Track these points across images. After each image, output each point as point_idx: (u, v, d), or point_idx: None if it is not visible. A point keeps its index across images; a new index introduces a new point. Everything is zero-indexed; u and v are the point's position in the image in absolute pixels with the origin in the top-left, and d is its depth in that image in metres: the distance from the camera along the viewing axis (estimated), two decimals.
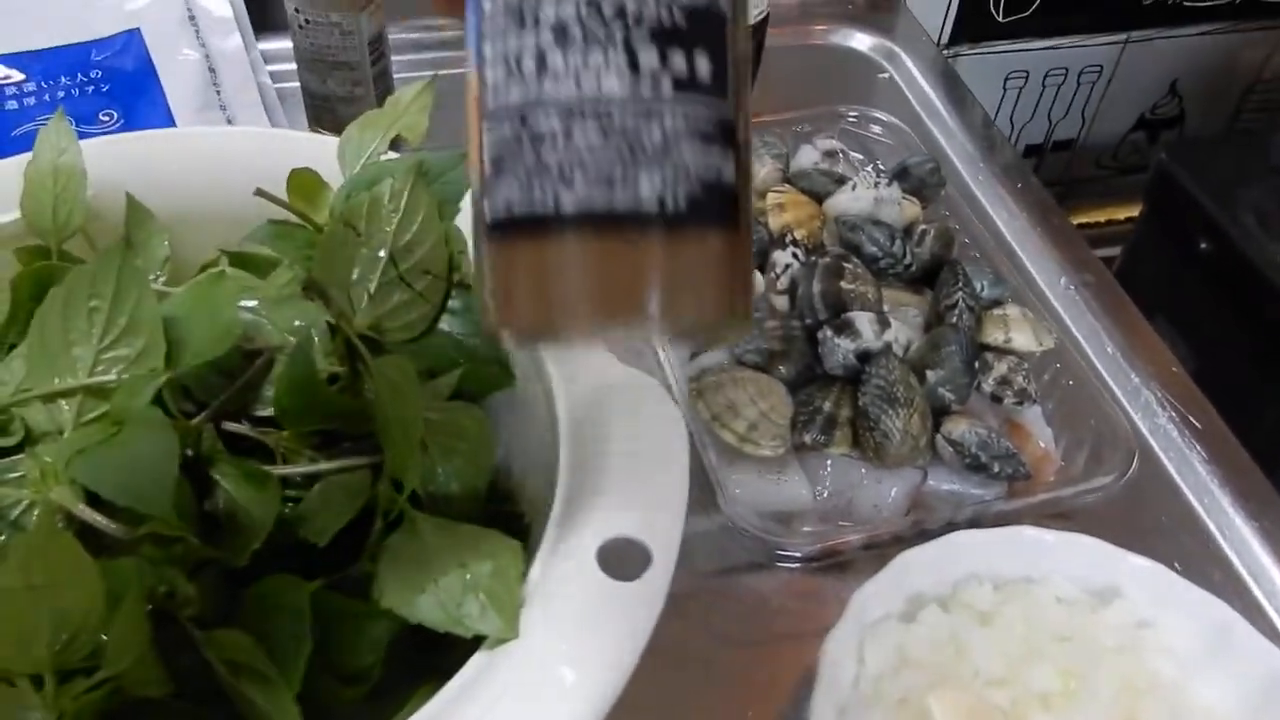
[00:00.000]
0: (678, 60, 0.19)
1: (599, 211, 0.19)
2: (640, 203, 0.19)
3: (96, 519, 0.34)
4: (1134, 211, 1.10)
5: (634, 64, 0.19)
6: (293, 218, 0.49)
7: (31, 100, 0.73)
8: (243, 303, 0.45)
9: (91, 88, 0.74)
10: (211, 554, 0.36)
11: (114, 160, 0.48)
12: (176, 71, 0.76)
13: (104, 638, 0.32)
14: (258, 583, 0.37)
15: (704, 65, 0.20)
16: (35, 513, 0.36)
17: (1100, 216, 1.39)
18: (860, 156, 0.74)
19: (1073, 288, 0.70)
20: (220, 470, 0.39)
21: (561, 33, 0.19)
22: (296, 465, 0.40)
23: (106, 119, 0.73)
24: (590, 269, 0.20)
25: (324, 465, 0.40)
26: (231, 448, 0.40)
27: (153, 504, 0.33)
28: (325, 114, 0.74)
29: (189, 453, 0.39)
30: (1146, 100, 1.28)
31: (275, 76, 0.79)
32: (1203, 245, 0.85)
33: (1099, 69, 1.21)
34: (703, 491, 0.54)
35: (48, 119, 0.47)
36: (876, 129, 0.75)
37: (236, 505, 0.38)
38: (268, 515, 0.37)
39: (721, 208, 0.20)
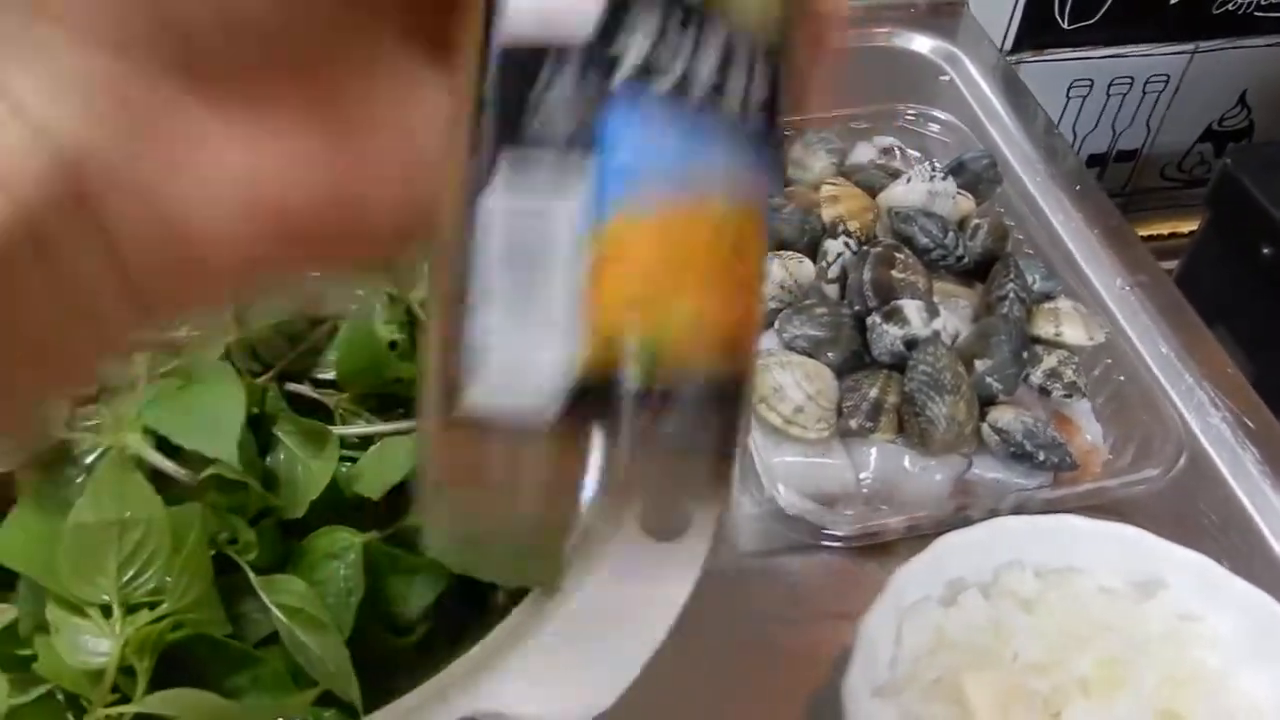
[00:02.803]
0: None
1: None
2: None
3: (165, 464, 0.36)
4: (1199, 224, 1.09)
5: None
6: None
7: None
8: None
9: None
10: (272, 502, 0.37)
11: None
12: None
13: (168, 577, 0.34)
14: (314, 534, 0.38)
15: None
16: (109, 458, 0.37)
17: (1164, 229, 1.37)
18: (917, 154, 0.74)
19: (1128, 288, 0.70)
20: (282, 427, 0.40)
21: None
22: (354, 426, 0.42)
23: None
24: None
25: (380, 427, 0.42)
26: (293, 407, 0.42)
27: (220, 448, 0.35)
28: None
29: (254, 409, 0.41)
30: (1214, 111, 1.26)
31: None
32: (1265, 251, 0.84)
33: (1165, 79, 1.20)
34: (747, 472, 0.54)
35: None
36: (934, 128, 0.75)
37: (296, 460, 0.40)
38: (325, 470, 0.39)
39: None
